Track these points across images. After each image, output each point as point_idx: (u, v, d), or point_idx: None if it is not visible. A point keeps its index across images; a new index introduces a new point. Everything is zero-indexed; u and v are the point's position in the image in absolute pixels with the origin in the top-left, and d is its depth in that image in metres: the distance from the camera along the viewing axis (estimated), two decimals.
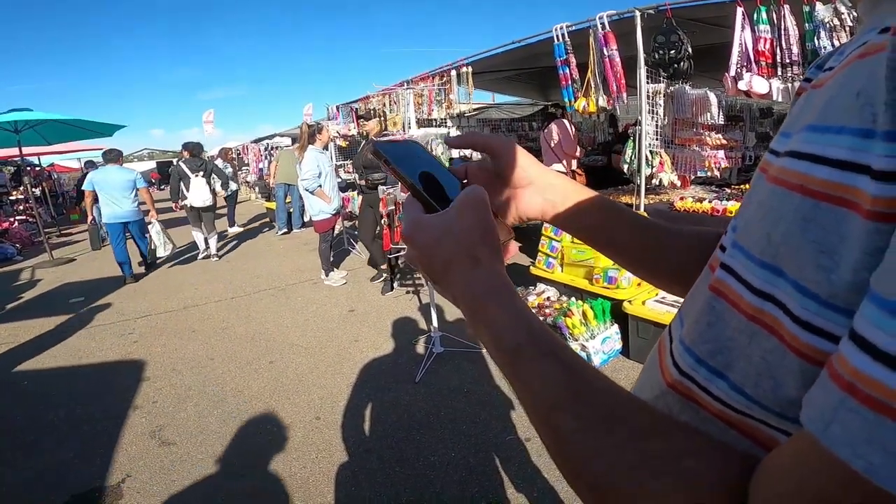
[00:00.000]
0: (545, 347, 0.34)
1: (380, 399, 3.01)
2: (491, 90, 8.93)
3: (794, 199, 0.29)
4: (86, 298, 5.72)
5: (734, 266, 0.34)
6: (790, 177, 0.30)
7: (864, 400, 0.21)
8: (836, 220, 0.26)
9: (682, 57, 3.84)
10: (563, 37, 4.47)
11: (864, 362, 0.21)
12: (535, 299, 3.87)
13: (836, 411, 0.22)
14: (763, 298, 0.31)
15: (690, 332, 0.37)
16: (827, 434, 0.22)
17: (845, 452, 0.21)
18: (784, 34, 3.42)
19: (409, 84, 6.30)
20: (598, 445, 0.30)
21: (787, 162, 0.31)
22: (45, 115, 7.97)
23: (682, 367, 0.37)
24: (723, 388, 0.33)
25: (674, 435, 0.31)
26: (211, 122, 17.25)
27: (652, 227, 0.55)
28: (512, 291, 0.38)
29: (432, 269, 0.41)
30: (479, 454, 2.42)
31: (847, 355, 0.22)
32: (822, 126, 0.29)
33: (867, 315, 0.22)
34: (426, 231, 0.41)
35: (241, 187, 14.73)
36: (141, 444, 2.72)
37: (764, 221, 0.32)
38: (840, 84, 0.29)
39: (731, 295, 0.34)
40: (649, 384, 0.43)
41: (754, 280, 0.32)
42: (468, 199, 0.41)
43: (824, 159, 0.28)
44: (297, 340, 4.03)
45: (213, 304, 5.23)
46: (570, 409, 0.32)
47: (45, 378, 3.68)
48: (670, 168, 4.45)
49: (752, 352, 0.31)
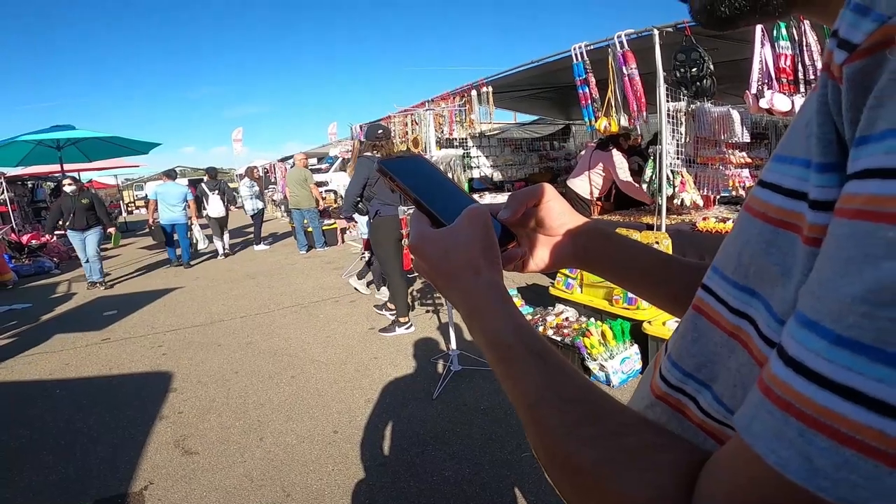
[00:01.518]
0: (533, 349, 0.37)
1: (397, 415, 3.04)
2: (512, 109, 8.99)
3: (757, 225, 0.33)
4: (118, 312, 5.92)
5: (712, 286, 0.38)
6: (756, 204, 0.34)
7: (775, 400, 0.23)
8: (790, 244, 0.29)
9: (705, 75, 3.80)
10: (582, 56, 4.50)
11: (779, 367, 0.24)
12: (553, 319, 3.85)
13: (757, 410, 0.25)
14: (739, 316, 0.34)
15: (676, 347, 0.41)
16: (749, 430, 0.25)
17: (761, 447, 0.23)
18: (806, 50, 3.39)
19: (429, 104, 6.41)
20: (579, 440, 0.32)
21: (756, 191, 0.35)
22: (86, 132, 8.34)
23: (671, 380, 0.40)
24: (707, 399, 0.36)
25: (646, 432, 0.32)
26: (240, 140, 17.76)
27: (694, 268, 0.55)
28: (506, 298, 0.41)
29: (438, 278, 0.45)
30: (493, 471, 2.42)
31: (770, 362, 0.25)
32: (783, 156, 0.32)
33: (788, 326, 0.25)
34: (432, 244, 0.46)
35: (268, 206, 15.03)
36: (165, 453, 2.80)
37: (735, 245, 0.36)
38: (800, 114, 0.32)
39: (710, 312, 0.37)
40: (640, 395, 0.46)
41: (731, 300, 0.35)
42: (471, 214, 0.45)
43: (780, 188, 0.31)
44: (319, 356, 4.10)
45: (239, 319, 5.35)
46: (554, 406, 0.34)
47: (78, 387, 3.82)
48: (692, 187, 4.40)
49: (731, 364, 0.34)
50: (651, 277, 0.56)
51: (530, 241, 0.56)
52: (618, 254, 0.55)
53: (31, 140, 8.04)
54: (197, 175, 25.83)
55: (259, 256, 9.60)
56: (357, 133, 8.08)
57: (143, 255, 11.04)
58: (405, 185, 0.50)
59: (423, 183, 0.50)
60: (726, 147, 4.51)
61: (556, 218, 0.54)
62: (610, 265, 0.56)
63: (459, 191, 0.53)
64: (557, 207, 0.54)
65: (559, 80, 6.11)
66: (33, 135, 7.89)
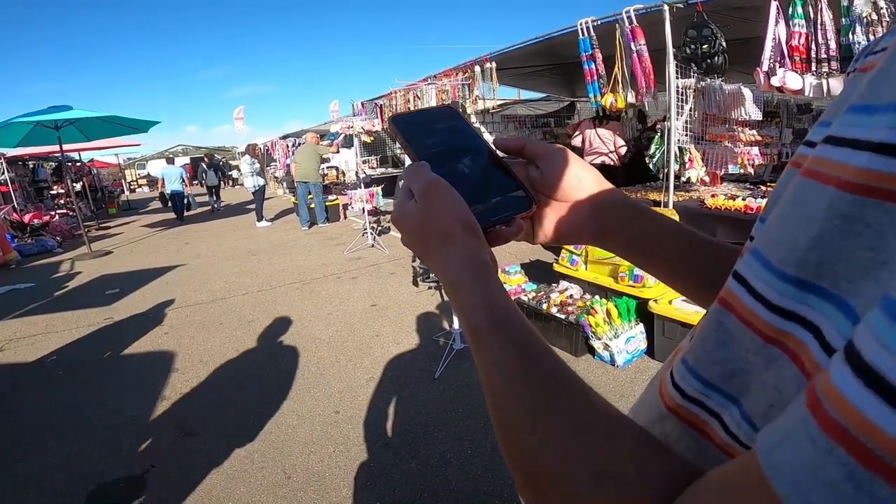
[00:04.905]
0: (503, 330, 0.33)
1: (398, 394, 3.02)
2: (516, 86, 8.85)
3: (827, 194, 0.24)
4: (121, 290, 5.91)
5: (748, 276, 0.29)
6: (825, 167, 0.25)
7: (823, 422, 0.17)
8: (891, 220, 0.21)
9: (717, 51, 3.71)
10: (588, 31, 4.39)
11: (843, 376, 0.17)
12: (557, 297, 3.81)
13: (793, 430, 0.18)
14: (786, 318, 0.26)
15: (695, 350, 0.33)
16: (770, 457, 0.19)
17: (783, 485, 0.17)
18: (821, 28, 3.29)
19: (432, 79, 6.28)
20: (542, 434, 0.29)
21: (822, 150, 0.26)
22: (83, 112, 8.25)
23: (687, 391, 0.33)
24: (735, 418, 0.29)
25: (616, 432, 0.28)
26: (241, 118, 17.56)
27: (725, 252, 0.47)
28: (481, 269, 0.37)
29: (420, 251, 0.42)
30: (495, 452, 2.40)
31: (831, 369, 0.18)
32: (870, 106, 0.24)
33: (871, 321, 0.18)
34: (409, 217, 0.41)
35: (269, 183, 15.03)
36: (166, 435, 2.79)
37: (789, 223, 0.27)
38: (891, 56, 0.24)
39: (741, 310, 0.29)
40: (647, 405, 0.39)
41: (773, 295, 0.27)
42: (429, 183, 0.41)
43: (864, 143, 0.23)
44: (320, 334, 4.08)
45: (241, 296, 5.33)
46: (515, 394, 0.31)
47: (80, 368, 3.81)
48: (700, 164, 4.32)
49: (767, 378, 0.27)
50: (686, 264, 0.48)
51: (543, 209, 0.48)
52: (645, 235, 0.47)
53: (28, 121, 7.98)
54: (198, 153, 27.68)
55: (260, 233, 9.57)
56: (359, 110, 7.98)
57: (146, 233, 11.04)
58: (410, 143, 0.45)
59: (433, 141, 0.46)
60: (736, 124, 4.43)
61: (573, 183, 0.46)
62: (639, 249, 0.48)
63: (487, 152, 0.47)
64: (574, 171, 0.47)
65: (564, 57, 5.99)
66: (31, 116, 7.82)
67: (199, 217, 13.11)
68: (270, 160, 15.79)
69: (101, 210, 15.56)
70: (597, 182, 0.47)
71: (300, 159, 8.98)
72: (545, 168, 0.47)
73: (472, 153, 0.47)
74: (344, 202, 9.57)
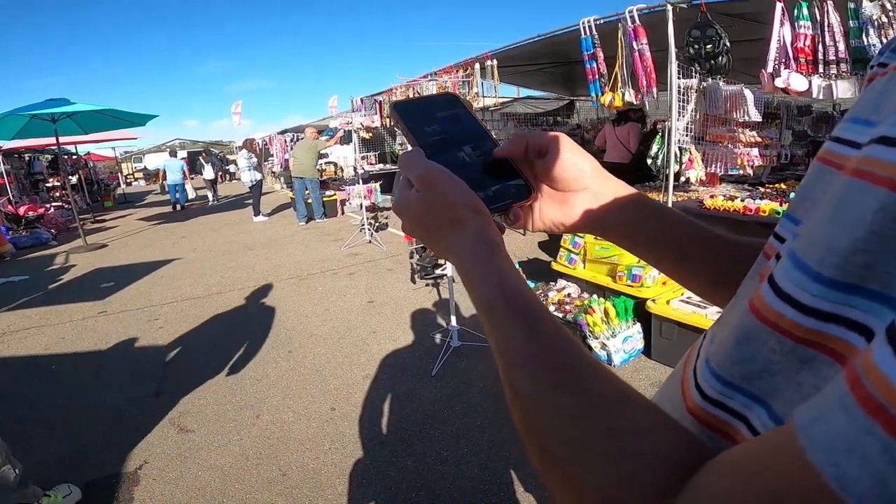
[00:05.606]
0: (516, 306, 0.34)
1: (395, 391, 3.00)
2: (516, 84, 8.82)
3: (879, 196, 0.23)
4: (115, 284, 5.88)
5: (776, 276, 0.28)
6: (877, 167, 0.24)
7: (862, 399, 0.18)
8: None
9: (721, 52, 3.70)
10: (590, 30, 4.37)
11: (885, 355, 0.18)
12: (555, 295, 3.81)
13: (832, 406, 0.19)
14: (821, 319, 0.25)
15: (718, 352, 0.32)
16: (808, 431, 0.19)
17: (818, 455, 0.18)
18: (828, 30, 3.28)
19: (433, 76, 6.26)
20: (552, 412, 0.30)
21: (873, 150, 0.25)
22: (81, 105, 8.19)
23: (708, 391, 0.32)
24: (763, 419, 0.28)
25: (626, 410, 0.29)
26: (239, 113, 17.47)
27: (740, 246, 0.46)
28: (493, 249, 0.38)
29: (423, 236, 0.43)
30: (492, 450, 2.39)
31: (874, 347, 0.19)
32: None
33: None
34: (413, 205, 0.42)
35: (267, 178, 15.02)
36: (160, 431, 2.77)
37: (833, 226, 0.25)
38: None
39: (764, 310, 0.28)
40: (669, 404, 0.37)
41: (805, 297, 0.25)
42: (428, 170, 0.41)
43: None
44: (316, 330, 4.06)
45: (237, 291, 5.30)
46: (528, 370, 0.31)
47: (74, 362, 3.78)
48: (699, 164, 4.32)
49: (803, 379, 0.26)
50: (694, 257, 0.47)
51: (541, 197, 0.49)
52: (653, 229, 0.47)
53: (25, 114, 7.93)
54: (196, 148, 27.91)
55: (257, 227, 9.53)
56: (358, 106, 7.94)
57: (142, 227, 10.99)
58: (410, 130, 0.45)
59: (434, 129, 0.46)
60: (736, 125, 4.42)
61: (573, 172, 0.47)
62: (643, 242, 0.49)
63: (485, 131, 0.47)
64: (573, 159, 0.46)
65: (565, 55, 5.98)
66: (28, 109, 7.77)
67: (195, 211, 13.15)
68: (268, 155, 15.73)
69: (97, 203, 15.47)
70: (596, 172, 0.47)
71: (298, 154, 8.95)
72: (546, 156, 0.47)
73: (472, 140, 0.47)
74: (342, 198, 9.54)
